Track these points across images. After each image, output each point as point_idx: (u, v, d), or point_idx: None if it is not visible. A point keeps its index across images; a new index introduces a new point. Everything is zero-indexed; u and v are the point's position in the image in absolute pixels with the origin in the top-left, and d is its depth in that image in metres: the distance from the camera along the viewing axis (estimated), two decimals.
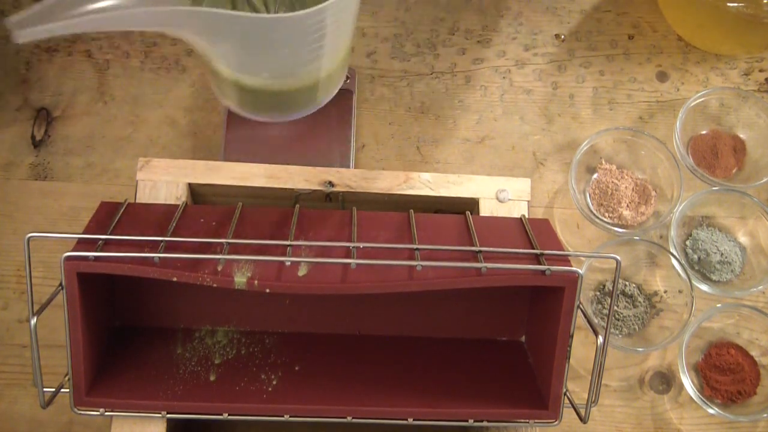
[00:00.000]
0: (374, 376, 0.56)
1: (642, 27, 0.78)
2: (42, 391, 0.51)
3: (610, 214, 0.70)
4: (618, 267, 0.52)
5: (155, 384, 0.54)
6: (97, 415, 0.53)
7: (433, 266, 0.51)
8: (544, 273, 0.51)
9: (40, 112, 0.71)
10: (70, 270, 0.49)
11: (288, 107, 0.56)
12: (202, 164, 0.61)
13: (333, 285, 0.50)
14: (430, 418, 0.54)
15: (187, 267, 0.50)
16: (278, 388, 0.54)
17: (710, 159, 0.73)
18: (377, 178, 0.61)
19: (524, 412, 0.54)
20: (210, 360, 0.56)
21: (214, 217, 0.55)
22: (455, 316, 0.61)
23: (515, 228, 0.58)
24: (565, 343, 0.52)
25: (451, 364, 0.58)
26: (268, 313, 0.59)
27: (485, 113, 0.74)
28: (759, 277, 0.69)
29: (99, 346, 0.55)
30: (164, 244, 0.50)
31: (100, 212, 0.55)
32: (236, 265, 0.50)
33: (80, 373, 0.51)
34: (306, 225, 0.55)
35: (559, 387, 0.53)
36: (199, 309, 0.59)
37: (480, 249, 0.52)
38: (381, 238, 0.54)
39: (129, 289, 0.58)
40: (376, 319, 0.60)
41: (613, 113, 0.75)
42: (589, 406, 0.53)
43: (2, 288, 0.66)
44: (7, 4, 0.74)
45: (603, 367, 0.52)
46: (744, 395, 0.66)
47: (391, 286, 0.50)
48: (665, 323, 0.68)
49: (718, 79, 0.77)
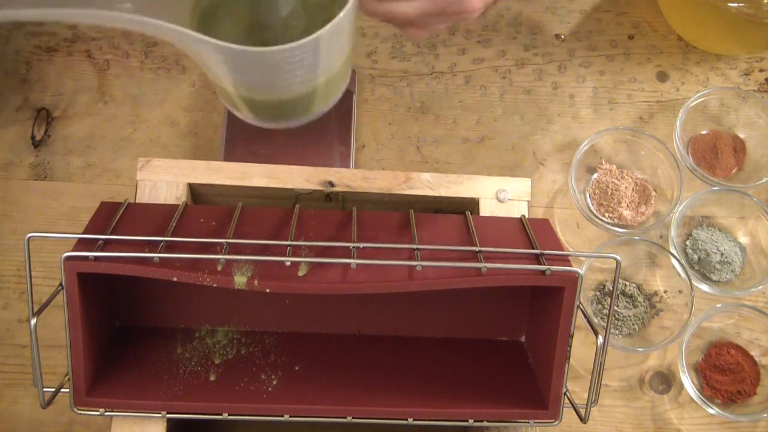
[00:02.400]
0: (374, 376, 0.56)
1: (642, 27, 0.78)
2: (42, 391, 0.51)
3: (610, 214, 0.70)
4: (618, 267, 0.52)
5: (155, 384, 0.53)
6: (97, 415, 0.53)
7: (433, 266, 0.51)
8: (544, 273, 0.51)
9: (40, 112, 0.71)
10: (70, 270, 0.49)
11: (288, 115, 0.56)
12: (203, 164, 0.61)
13: (333, 285, 0.50)
14: (430, 418, 0.54)
15: (187, 267, 0.50)
16: (278, 388, 0.54)
17: (710, 159, 0.73)
18: (377, 178, 0.61)
19: (524, 412, 0.54)
20: (210, 360, 0.56)
21: (214, 217, 0.55)
22: (455, 316, 0.61)
23: (515, 228, 0.58)
24: (565, 343, 0.52)
25: (451, 364, 0.58)
26: (268, 313, 0.59)
27: (485, 113, 0.74)
28: (759, 277, 0.69)
29: (99, 346, 0.55)
30: (164, 244, 0.50)
31: (101, 212, 0.55)
32: (236, 265, 0.50)
33: (80, 373, 0.51)
34: (306, 225, 0.55)
35: (559, 387, 0.53)
36: (199, 309, 0.59)
37: (480, 249, 0.52)
38: (381, 238, 0.54)
39: (129, 289, 0.58)
40: (376, 319, 0.60)
41: (613, 113, 0.75)
42: (589, 406, 0.52)
43: (2, 288, 0.66)
44: None
45: (603, 367, 0.52)
46: (744, 395, 0.66)
47: (391, 286, 0.50)
48: (665, 323, 0.68)
49: (718, 79, 0.77)
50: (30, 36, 0.74)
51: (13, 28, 0.73)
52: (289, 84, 0.48)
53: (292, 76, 0.47)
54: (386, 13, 0.48)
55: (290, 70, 0.46)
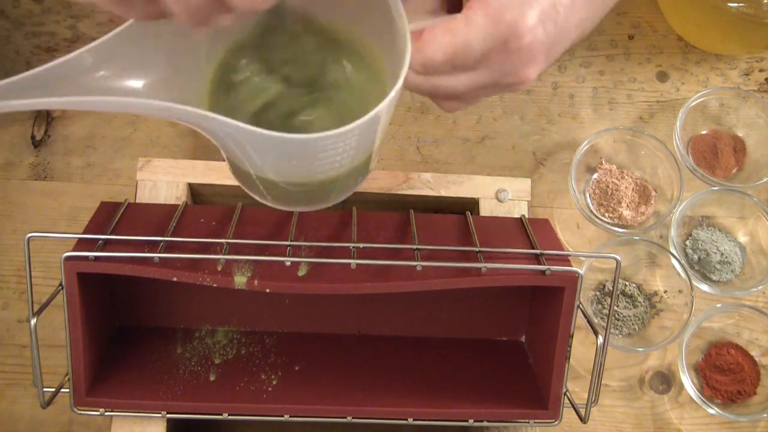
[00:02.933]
0: (374, 376, 0.56)
1: (642, 27, 0.78)
2: (42, 391, 0.51)
3: (610, 214, 0.70)
4: (618, 267, 0.52)
5: (155, 384, 0.54)
6: (97, 415, 0.53)
7: (434, 266, 0.51)
8: (544, 273, 0.51)
9: (40, 112, 0.71)
10: (70, 270, 0.49)
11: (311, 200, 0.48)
12: (202, 164, 0.61)
13: (333, 285, 0.50)
14: (430, 418, 0.54)
15: (187, 267, 0.50)
16: (278, 388, 0.54)
17: (710, 159, 0.73)
18: (377, 178, 0.61)
19: (524, 412, 0.54)
20: (210, 360, 0.56)
21: (214, 216, 0.55)
22: (455, 316, 0.61)
23: (515, 228, 0.58)
24: (565, 343, 0.52)
25: (451, 364, 0.58)
26: (268, 313, 0.59)
27: (485, 113, 0.74)
28: (759, 276, 0.69)
29: (99, 346, 0.55)
30: (164, 244, 0.50)
31: (101, 212, 0.55)
32: (236, 265, 0.50)
33: (80, 373, 0.51)
34: (306, 225, 0.55)
35: (559, 387, 0.53)
36: (199, 309, 0.59)
37: (480, 249, 0.52)
38: (381, 238, 0.54)
39: (129, 289, 0.58)
40: (376, 319, 0.60)
41: (613, 113, 0.75)
42: (589, 406, 0.53)
43: (2, 288, 0.66)
44: (7, 4, 0.74)
45: (603, 367, 0.52)
46: (744, 395, 0.66)
47: (391, 286, 0.50)
48: (665, 323, 0.68)
49: (718, 79, 0.77)
50: (30, 36, 0.73)
51: (13, 28, 0.73)
52: (324, 169, 0.41)
53: (332, 161, 0.40)
54: (432, 88, 0.41)
55: (332, 155, 0.39)
